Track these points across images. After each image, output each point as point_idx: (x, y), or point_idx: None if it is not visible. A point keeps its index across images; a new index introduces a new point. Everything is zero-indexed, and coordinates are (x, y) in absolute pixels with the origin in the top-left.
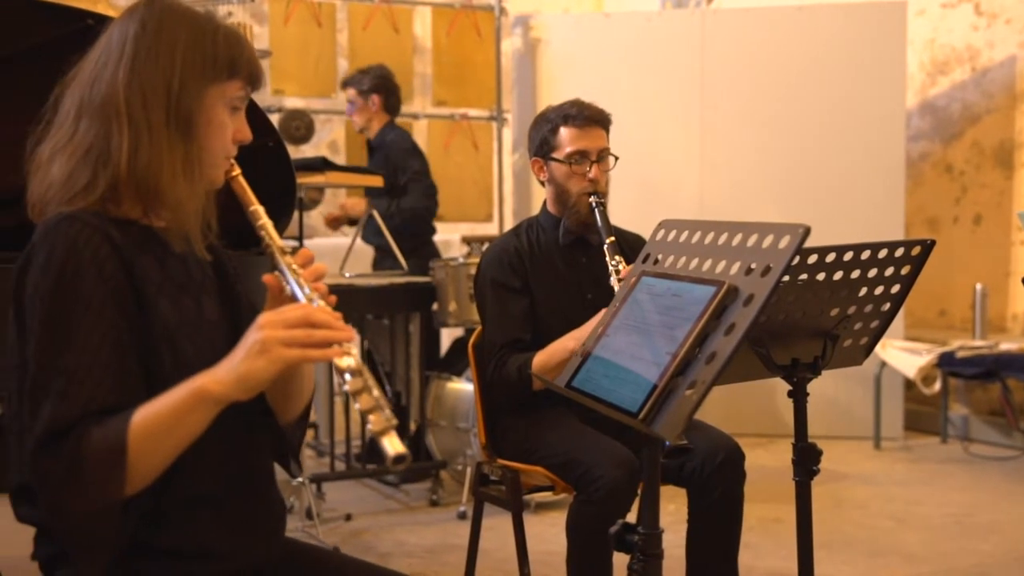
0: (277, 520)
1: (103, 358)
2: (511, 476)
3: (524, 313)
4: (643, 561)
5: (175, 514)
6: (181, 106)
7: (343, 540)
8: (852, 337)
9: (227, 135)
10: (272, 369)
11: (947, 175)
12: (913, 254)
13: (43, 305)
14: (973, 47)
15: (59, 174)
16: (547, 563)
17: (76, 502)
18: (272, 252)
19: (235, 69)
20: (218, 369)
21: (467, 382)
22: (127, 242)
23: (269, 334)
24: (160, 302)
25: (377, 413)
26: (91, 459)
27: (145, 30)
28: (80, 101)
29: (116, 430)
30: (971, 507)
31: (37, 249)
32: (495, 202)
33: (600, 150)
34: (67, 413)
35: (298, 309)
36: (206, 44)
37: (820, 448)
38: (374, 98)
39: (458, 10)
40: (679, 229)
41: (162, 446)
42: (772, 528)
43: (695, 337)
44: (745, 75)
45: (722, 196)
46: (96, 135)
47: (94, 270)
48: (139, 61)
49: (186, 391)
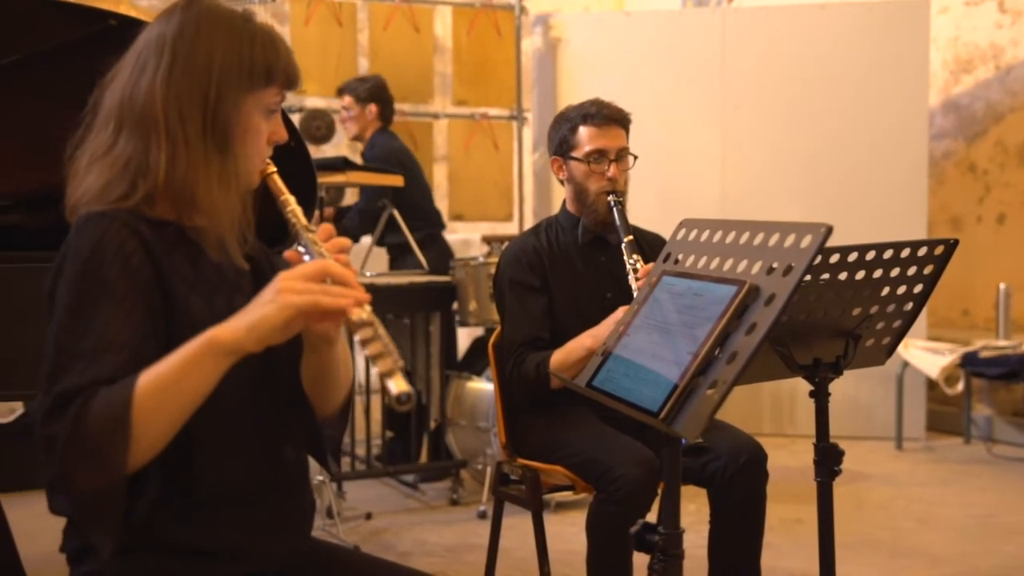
0: (305, 520)
1: (121, 339)
2: (531, 475)
3: (543, 311)
4: (664, 561)
5: (203, 512)
6: (218, 118)
7: (363, 539)
8: (874, 337)
9: (263, 140)
10: (283, 315)
11: (970, 174)
12: (936, 253)
13: (68, 293)
14: (997, 45)
15: (96, 183)
16: (567, 563)
17: (81, 466)
18: (297, 230)
19: (272, 76)
20: (231, 319)
21: (487, 381)
22: (159, 240)
23: (284, 283)
24: (192, 299)
25: (385, 357)
26: (95, 416)
27: (182, 35)
28: (120, 109)
29: (121, 387)
30: (994, 508)
31: (68, 246)
32: (515, 201)
33: (619, 149)
34: (77, 383)
35: (315, 262)
36: (243, 53)
37: (842, 448)
38: (371, 107)
39: (478, 9)
40: (700, 228)
41: (170, 403)
42: (793, 529)
43: (716, 337)
44: (766, 74)
45: (743, 195)
46: (135, 148)
47: (120, 261)
48: (176, 70)
49: (195, 342)
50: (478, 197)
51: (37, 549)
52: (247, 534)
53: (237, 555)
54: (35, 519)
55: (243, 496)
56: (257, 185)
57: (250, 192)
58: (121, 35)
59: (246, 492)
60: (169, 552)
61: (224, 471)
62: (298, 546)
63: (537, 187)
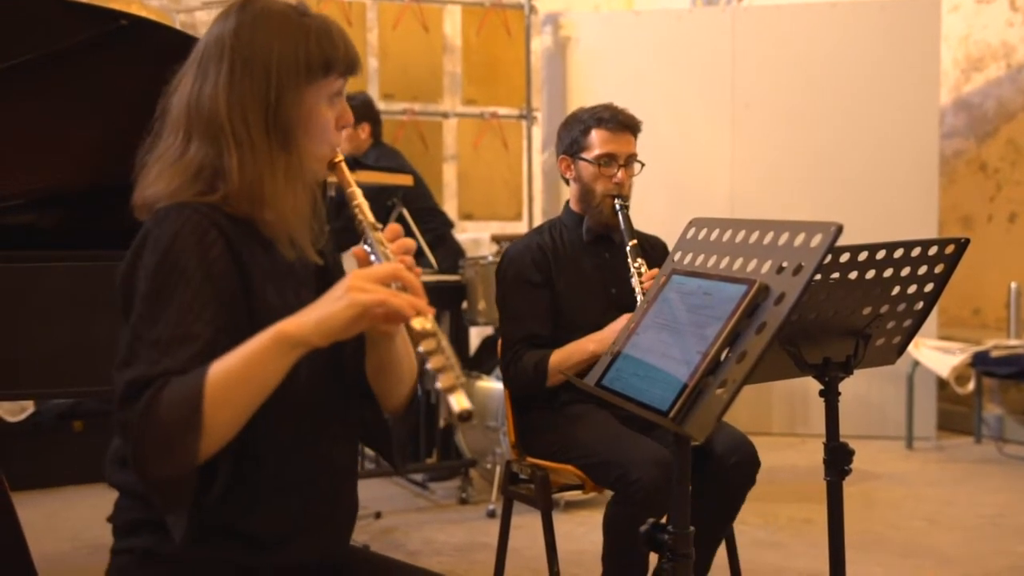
0: (350, 518)
1: (195, 331)
2: (541, 475)
3: (544, 308)
4: (673, 561)
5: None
6: (280, 118)
7: (373, 538)
8: (885, 336)
9: (330, 128)
10: (349, 312)
11: (981, 173)
12: (947, 252)
13: (146, 281)
14: (1008, 43)
15: (168, 187)
16: (577, 562)
17: (154, 451)
18: (363, 228)
19: (330, 67)
20: (299, 313)
21: (496, 380)
22: (237, 232)
23: (354, 282)
24: (267, 289)
25: (448, 371)
26: (167, 404)
27: (239, 38)
28: (187, 117)
29: (193, 377)
30: (1005, 508)
31: (148, 235)
32: (525, 201)
33: (628, 155)
34: (149, 373)
35: (387, 265)
36: (299, 49)
37: (852, 448)
38: (364, 126)
39: (488, 8)
40: (710, 227)
41: (239, 394)
42: (803, 528)
43: (726, 336)
44: (776, 72)
45: (753, 194)
46: (206, 155)
47: (199, 252)
48: (236, 74)
49: (264, 335)
50: (487, 196)
51: (50, 546)
52: (295, 526)
53: (283, 544)
54: (47, 517)
55: (294, 489)
56: (325, 177)
57: (319, 182)
58: (132, 35)
59: (297, 486)
60: (219, 534)
61: (282, 461)
62: (340, 544)
63: (547, 186)
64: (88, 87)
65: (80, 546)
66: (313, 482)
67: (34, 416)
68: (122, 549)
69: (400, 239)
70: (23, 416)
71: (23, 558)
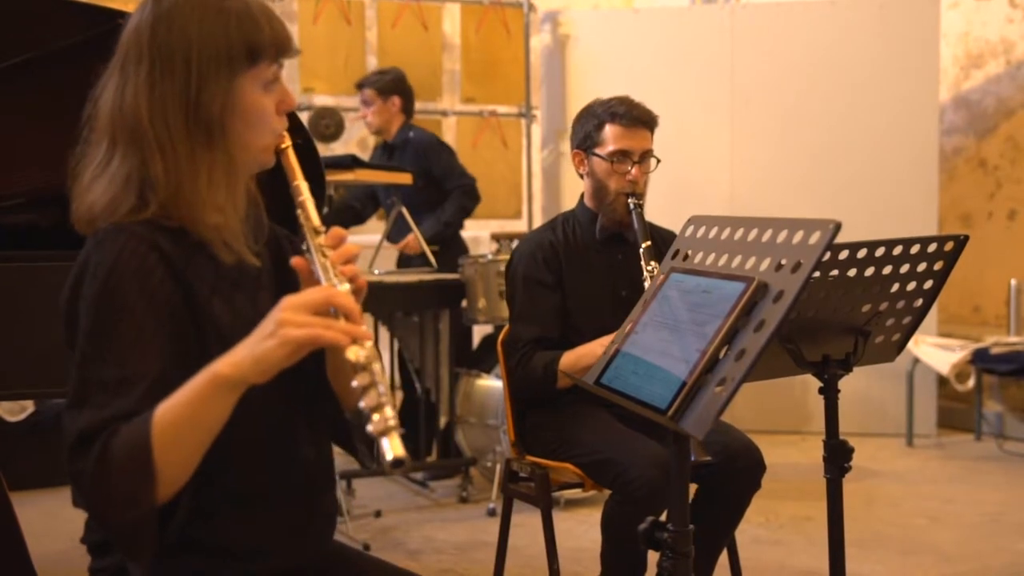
0: (328, 524)
1: (142, 369)
2: (540, 473)
3: (554, 310)
4: (672, 559)
5: (224, 511)
6: (201, 114)
7: (373, 537)
8: (884, 333)
9: (268, 115)
10: (282, 351)
11: (981, 170)
12: (946, 249)
13: (88, 317)
14: (1008, 40)
15: (101, 199)
16: (576, 560)
17: (109, 502)
18: (304, 232)
19: (257, 53)
20: (235, 351)
21: (496, 379)
22: (178, 248)
23: (285, 315)
24: (213, 303)
25: (380, 412)
26: (118, 455)
27: (156, 33)
28: (112, 123)
29: (139, 425)
30: (1006, 505)
31: (88, 262)
32: (524, 199)
33: (643, 151)
34: (98, 419)
35: (319, 292)
36: (218, 38)
37: (852, 445)
38: (394, 99)
39: (487, 7)
40: (709, 225)
41: (187, 438)
42: (803, 526)
43: (724, 334)
44: (775, 70)
45: (752, 191)
46: (132, 164)
47: (138, 281)
48: (155, 74)
49: (202, 378)
50: (487, 194)
51: (49, 546)
52: (267, 535)
53: (256, 555)
54: (47, 517)
55: (264, 497)
56: (272, 164)
57: (264, 167)
58: None
59: (267, 493)
60: (190, 550)
61: (246, 471)
62: (319, 550)
63: (546, 184)
64: (87, 86)
65: (79, 546)
66: (284, 490)
67: (34, 416)
68: (97, 569)
69: (343, 247)
70: (23, 416)
71: (22, 558)
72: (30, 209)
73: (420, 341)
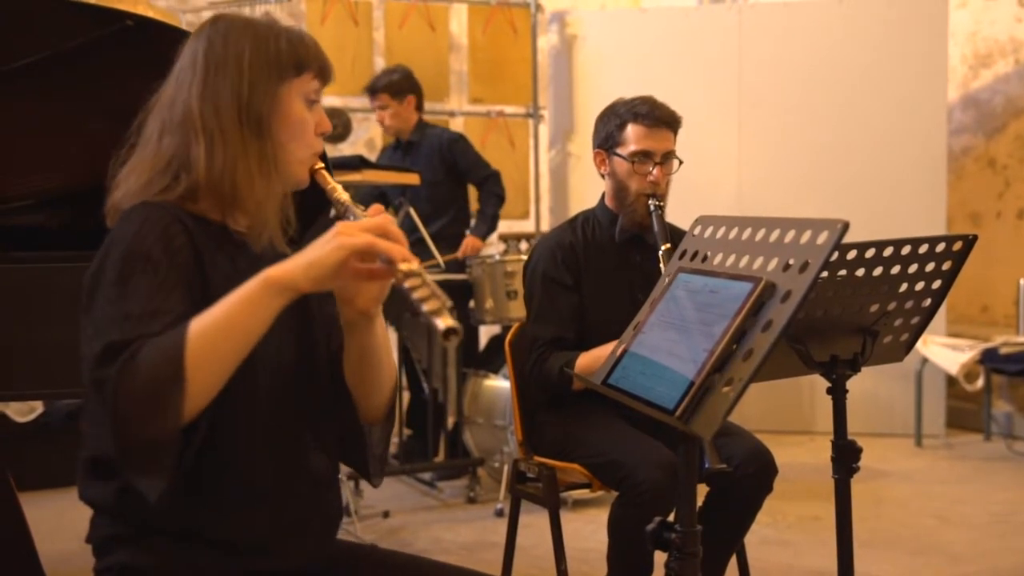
0: (331, 526)
1: (167, 306)
2: (548, 473)
3: (572, 311)
4: (680, 559)
5: (230, 507)
6: (252, 108)
7: (381, 537)
8: (892, 333)
9: (308, 130)
10: (337, 255)
11: (990, 169)
12: (954, 249)
13: (113, 271)
14: (1016, 39)
15: (137, 183)
16: (584, 560)
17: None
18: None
19: (302, 65)
20: (286, 260)
21: (504, 379)
22: (201, 233)
23: (342, 227)
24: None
25: (432, 299)
26: (147, 360)
27: (212, 47)
28: (162, 124)
29: (172, 334)
30: (1015, 505)
31: (113, 235)
32: (532, 199)
33: (665, 152)
34: (128, 335)
35: (377, 218)
36: (269, 48)
37: (860, 445)
38: (410, 98)
39: (494, 7)
40: (716, 225)
41: (222, 344)
42: (811, 526)
43: (732, 334)
44: (783, 69)
45: (760, 191)
46: (176, 148)
47: (163, 241)
48: (210, 76)
49: (251, 282)
50: None
51: (57, 546)
52: (270, 533)
53: (259, 551)
54: (56, 517)
55: (269, 495)
56: (307, 184)
57: (299, 186)
58: (138, 36)
59: (272, 492)
60: (193, 542)
61: (253, 469)
62: (322, 550)
63: (553, 185)
64: (96, 87)
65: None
66: (287, 490)
67: (42, 416)
68: (103, 568)
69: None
70: (32, 416)
71: (31, 558)
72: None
73: (428, 341)
